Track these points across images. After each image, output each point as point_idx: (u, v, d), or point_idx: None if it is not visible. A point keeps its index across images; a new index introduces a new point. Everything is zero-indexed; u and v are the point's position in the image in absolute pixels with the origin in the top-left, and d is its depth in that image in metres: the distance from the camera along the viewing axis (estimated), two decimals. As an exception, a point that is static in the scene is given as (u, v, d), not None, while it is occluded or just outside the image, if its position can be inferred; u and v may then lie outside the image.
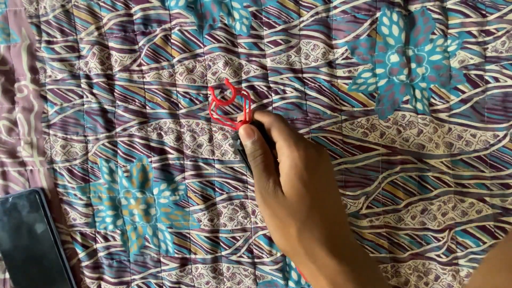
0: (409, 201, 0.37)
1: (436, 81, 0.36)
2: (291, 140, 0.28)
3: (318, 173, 0.28)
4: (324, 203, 0.28)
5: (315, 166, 0.27)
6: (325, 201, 0.28)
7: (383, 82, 0.36)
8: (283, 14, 0.36)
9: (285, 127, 0.29)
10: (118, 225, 0.39)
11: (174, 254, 0.39)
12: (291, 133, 0.28)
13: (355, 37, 0.36)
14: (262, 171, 0.29)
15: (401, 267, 0.38)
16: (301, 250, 0.27)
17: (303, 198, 0.27)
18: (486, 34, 0.35)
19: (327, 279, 0.27)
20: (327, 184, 0.29)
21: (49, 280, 0.39)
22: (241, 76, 0.37)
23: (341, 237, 0.28)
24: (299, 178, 0.27)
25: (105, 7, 0.37)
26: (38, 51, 0.38)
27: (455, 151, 0.36)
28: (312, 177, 0.27)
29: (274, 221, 0.28)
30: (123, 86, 0.38)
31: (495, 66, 0.35)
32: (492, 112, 0.36)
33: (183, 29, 0.37)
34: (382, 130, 0.37)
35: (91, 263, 0.39)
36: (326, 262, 0.27)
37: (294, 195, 0.27)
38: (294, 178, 0.27)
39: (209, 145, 0.38)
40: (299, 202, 0.27)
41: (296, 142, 0.27)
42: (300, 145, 0.27)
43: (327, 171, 0.29)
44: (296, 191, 0.27)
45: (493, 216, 0.37)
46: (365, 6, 0.35)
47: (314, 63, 0.37)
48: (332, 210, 0.28)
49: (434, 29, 0.35)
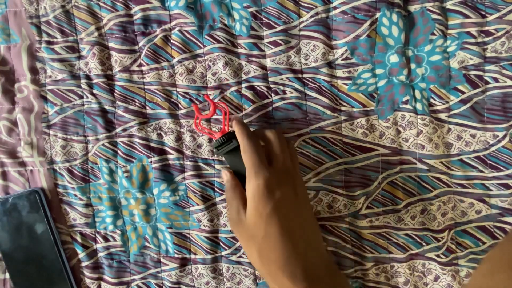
0: (409, 201, 0.37)
1: (436, 82, 0.36)
2: (253, 169, 0.31)
3: (275, 201, 0.31)
4: (283, 227, 0.30)
5: (271, 196, 0.30)
6: (285, 225, 0.30)
7: (383, 83, 0.36)
8: (283, 15, 0.36)
9: (253, 153, 0.32)
10: (118, 225, 0.39)
11: (174, 254, 0.39)
12: (256, 161, 0.31)
13: (354, 37, 0.36)
14: (231, 199, 0.33)
15: (401, 267, 0.38)
16: (264, 271, 0.31)
17: (258, 224, 0.30)
18: (485, 35, 0.35)
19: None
20: (288, 208, 0.31)
21: (49, 280, 0.39)
22: (241, 77, 0.37)
23: (303, 259, 0.30)
24: (255, 208, 0.31)
25: (105, 8, 0.37)
26: (38, 51, 0.38)
27: (454, 151, 0.37)
28: (266, 206, 0.30)
29: (242, 242, 0.33)
30: (123, 86, 0.38)
31: (495, 66, 0.35)
32: (491, 112, 0.36)
33: (183, 29, 0.37)
34: (381, 131, 0.37)
35: (91, 263, 0.39)
36: (284, 283, 0.30)
37: (251, 222, 0.31)
38: (251, 207, 0.31)
39: (209, 146, 0.38)
40: (255, 227, 0.31)
41: (257, 173, 0.31)
42: (260, 175, 0.31)
43: (289, 197, 0.32)
44: (253, 218, 0.31)
45: (492, 216, 0.37)
46: (364, 7, 0.35)
47: (314, 63, 0.37)
48: (295, 232, 0.31)
49: (433, 30, 0.35)
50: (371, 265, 0.38)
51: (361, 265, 0.38)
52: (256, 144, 0.32)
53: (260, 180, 0.31)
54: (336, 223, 0.38)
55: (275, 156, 0.33)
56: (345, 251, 0.38)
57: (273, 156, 0.33)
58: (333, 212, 0.38)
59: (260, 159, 0.31)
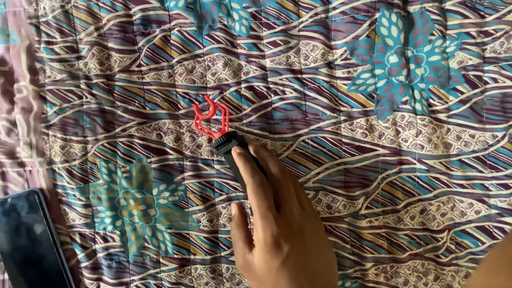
0: (408, 201, 0.37)
1: (435, 82, 0.36)
2: (260, 219, 0.30)
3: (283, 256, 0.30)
4: (292, 281, 0.30)
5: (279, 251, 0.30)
6: (294, 278, 0.30)
7: (382, 83, 0.36)
8: (283, 15, 0.36)
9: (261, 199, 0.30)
10: (117, 226, 0.39)
11: (173, 254, 0.39)
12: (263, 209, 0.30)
13: (354, 38, 0.36)
14: (235, 239, 0.33)
15: (401, 267, 0.38)
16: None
17: (268, 276, 0.30)
18: (484, 35, 0.35)
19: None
20: (298, 261, 0.30)
21: (48, 281, 0.39)
22: (241, 77, 0.37)
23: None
24: (263, 260, 0.30)
25: (104, 8, 0.37)
26: (37, 51, 0.38)
27: (454, 151, 0.37)
28: (275, 261, 0.30)
29: (251, 284, 0.33)
30: (122, 86, 0.38)
31: (494, 67, 0.35)
32: (490, 112, 0.36)
33: (183, 29, 0.37)
34: (381, 131, 0.37)
35: (90, 264, 0.39)
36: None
37: (261, 270, 0.30)
38: (260, 258, 0.30)
39: (208, 146, 0.38)
40: (265, 277, 0.30)
41: (265, 225, 0.30)
42: (267, 229, 0.30)
43: (299, 249, 0.31)
44: (262, 269, 0.30)
45: (492, 217, 0.37)
46: (364, 7, 0.35)
47: (313, 63, 0.37)
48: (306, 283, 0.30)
49: (433, 30, 0.35)
50: (370, 265, 0.38)
51: (360, 265, 0.38)
52: (263, 186, 0.31)
53: (267, 233, 0.29)
54: (335, 223, 0.38)
55: (284, 202, 0.31)
56: (344, 251, 0.38)
57: (282, 201, 0.32)
58: (332, 212, 0.38)
59: (267, 206, 0.30)
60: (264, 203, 0.30)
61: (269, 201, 0.30)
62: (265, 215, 0.30)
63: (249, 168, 0.32)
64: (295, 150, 0.38)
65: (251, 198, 0.31)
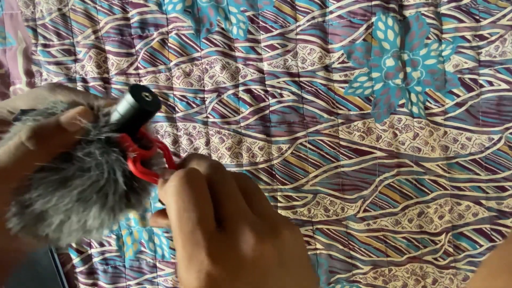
0: (406, 204, 0.37)
1: (431, 85, 0.36)
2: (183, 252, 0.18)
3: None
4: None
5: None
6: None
7: (379, 86, 0.37)
8: (280, 19, 0.37)
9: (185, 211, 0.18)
10: (113, 230, 0.39)
11: (170, 259, 0.39)
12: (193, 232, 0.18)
13: (351, 41, 0.36)
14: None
15: (399, 270, 0.38)
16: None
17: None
18: (479, 39, 0.35)
19: None
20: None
21: (42, 286, 0.38)
22: (238, 80, 0.37)
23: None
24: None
25: (102, 11, 0.37)
26: (34, 54, 0.38)
27: (450, 154, 0.37)
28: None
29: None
30: (119, 89, 0.38)
31: (489, 70, 0.36)
32: (486, 115, 0.36)
33: (180, 33, 0.37)
34: (378, 134, 0.37)
35: (85, 269, 0.39)
36: None
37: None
38: None
39: (206, 149, 0.38)
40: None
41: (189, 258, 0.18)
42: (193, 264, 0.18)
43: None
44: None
45: (489, 219, 0.37)
46: (360, 11, 0.36)
47: (310, 67, 0.37)
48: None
49: (428, 34, 0.36)
50: (369, 268, 0.38)
51: (358, 269, 0.38)
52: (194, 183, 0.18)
53: (193, 274, 0.17)
54: (333, 226, 0.38)
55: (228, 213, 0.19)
56: (342, 254, 0.38)
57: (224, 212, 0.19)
58: (330, 215, 0.38)
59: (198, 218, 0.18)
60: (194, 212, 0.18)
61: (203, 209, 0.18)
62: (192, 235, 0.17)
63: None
64: (292, 153, 0.37)
65: (168, 202, 0.18)
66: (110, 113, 0.20)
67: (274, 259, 0.18)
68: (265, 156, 0.37)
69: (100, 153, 0.19)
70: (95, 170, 0.19)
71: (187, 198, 0.18)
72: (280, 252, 0.18)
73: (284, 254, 0.19)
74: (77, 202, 0.19)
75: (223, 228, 0.18)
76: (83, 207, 0.19)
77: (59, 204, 0.19)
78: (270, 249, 0.18)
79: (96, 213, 0.19)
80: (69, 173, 0.19)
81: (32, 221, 0.20)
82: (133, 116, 0.19)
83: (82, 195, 0.19)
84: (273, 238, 0.18)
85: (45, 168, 0.19)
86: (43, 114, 0.20)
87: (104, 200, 0.19)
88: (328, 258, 0.38)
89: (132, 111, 0.19)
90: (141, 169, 0.20)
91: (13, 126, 0.20)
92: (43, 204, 0.19)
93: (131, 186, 0.20)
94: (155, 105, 0.20)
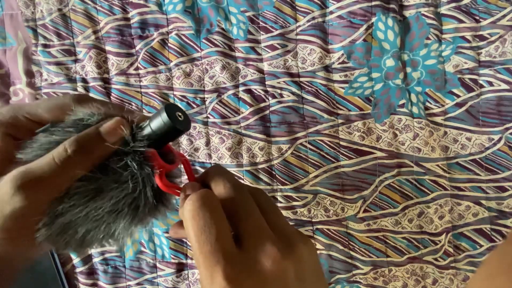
0: (406, 204, 0.37)
1: (431, 85, 0.36)
2: (204, 271, 0.18)
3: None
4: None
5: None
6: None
7: (379, 86, 0.37)
8: (280, 19, 0.37)
9: (204, 232, 0.19)
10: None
11: (170, 259, 0.39)
12: (214, 251, 0.18)
13: (351, 42, 0.36)
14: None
15: (399, 270, 0.38)
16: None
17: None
18: (479, 39, 0.35)
19: None
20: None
21: (42, 286, 0.38)
22: (238, 80, 0.37)
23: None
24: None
25: (102, 11, 0.37)
26: (34, 54, 0.38)
27: (451, 154, 0.37)
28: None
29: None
30: (119, 89, 0.38)
31: (489, 70, 0.36)
32: (486, 115, 0.36)
33: (181, 33, 0.37)
34: (378, 134, 0.37)
35: (85, 269, 0.39)
36: None
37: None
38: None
39: (206, 149, 0.38)
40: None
41: (210, 277, 0.18)
42: (216, 278, 0.18)
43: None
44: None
45: (489, 219, 0.37)
46: (360, 12, 0.36)
47: (310, 67, 0.37)
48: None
49: (428, 34, 0.36)
50: (369, 269, 0.38)
51: (359, 269, 0.38)
52: (210, 204, 0.19)
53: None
54: (333, 227, 0.38)
55: (246, 232, 0.19)
56: (342, 254, 0.38)
57: (243, 230, 0.20)
58: (330, 215, 0.38)
59: (216, 238, 0.18)
60: (210, 234, 0.18)
61: (220, 229, 0.19)
62: (211, 255, 0.18)
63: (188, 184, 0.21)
64: (292, 153, 0.37)
65: (186, 225, 0.19)
66: (143, 127, 0.21)
67: (293, 274, 0.19)
68: (265, 156, 0.37)
69: (137, 166, 0.20)
70: (129, 182, 0.20)
71: (203, 221, 0.19)
72: (297, 266, 0.19)
73: (301, 269, 0.19)
74: (108, 213, 0.20)
75: (243, 245, 0.19)
76: (113, 217, 0.20)
77: (90, 214, 0.20)
78: (290, 264, 0.19)
79: (126, 223, 0.20)
80: (104, 184, 0.20)
81: (58, 230, 0.20)
82: (165, 133, 0.20)
83: (115, 206, 0.20)
84: (292, 253, 0.19)
85: (82, 178, 0.20)
86: (77, 125, 0.21)
87: (135, 211, 0.20)
88: (328, 258, 0.38)
89: (165, 128, 0.20)
90: (166, 183, 0.21)
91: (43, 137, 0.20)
92: (75, 214, 0.20)
93: (160, 199, 0.21)
94: (186, 125, 0.21)
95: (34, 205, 0.19)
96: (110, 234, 0.21)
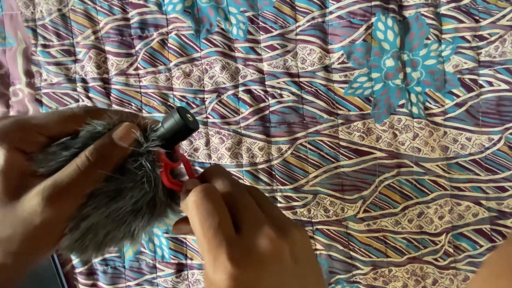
0: (406, 204, 0.37)
1: (431, 85, 0.36)
2: (208, 255, 0.20)
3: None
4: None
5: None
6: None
7: (379, 86, 0.37)
8: (280, 19, 0.37)
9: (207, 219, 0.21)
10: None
11: (170, 259, 0.39)
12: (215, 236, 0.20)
13: (350, 42, 0.36)
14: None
15: (399, 271, 0.38)
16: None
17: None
18: (479, 39, 0.35)
19: None
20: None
21: (42, 287, 0.38)
22: (238, 80, 0.37)
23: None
24: None
25: (102, 11, 0.37)
26: (34, 54, 0.38)
27: (450, 154, 0.37)
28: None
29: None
30: (119, 90, 0.38)
31: (489, 70, 0.36)
32: (486, 116, 0.36)
33: (180, 33, 0.37)
34: (378, 134, 0.37)
35: (85, 270, 0.39)
36: None
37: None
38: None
39: (205, 149, 0.38)
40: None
41: (213, 260, 0.20)
42: (219, 264, 0.20)
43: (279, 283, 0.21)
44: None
45: (489, 219, 0.37)
46: (360, 12, 0.36)
47: (310, 67, 0.37)
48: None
49: (428, 34, 0.36)
50: (369, 269, 0.38)
51: (358, 269, 0.38)
52: (212, 196, 0.21)
53: (219, 274, 0.19)
54: (333, 227, 0.38)
55: (245, 218, 0.22)
56: (342, 255, 0.38)
57: (241, 217, 0.22)
58: (330, 215, 0.38)
59: (218, 223, 0.20)
60: (214, 220, 0.20)
61: (222, 216, 0.21)
62: (214, 239, 0.20)
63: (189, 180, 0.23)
64: (292, 153, 0.37)
65: (191, 215, 0.21)
66: (156, 128, 0.22)
67: (288, 253, 0.21)
68: (265, 157, 0.37)
69: (151, 166, 0.21)
70: (145, 181, 0.21)
71: (206, 209, 0.21)
72: (292, 247, 0.21)
73: (295, 250, 0.22)
74: (129, 212, 0.21)
75: (242, 231, 0.21)
76: (133, 217, 0.21)
77: (112, 215, 0.21)
78: (285, 244, 0.21)
79: (145, 222, 0.21)
80: (123, 184, 0.21)
81: (80, 234, 0.21)
82: (177, 132, 0.22)
83: (135, 205, 0.21)
84: (286, 236, 0.21)
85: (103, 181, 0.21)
86: (96, 137, 0.22)
87: (153, 209, 0.22)
88: (328, 258, 0.38)
89: (177, 127, 0.22)
90: (171, 180, 0.22)
91: (63, 150, 0.21)
92: (97, 215, 0.20)
93: (172, 197, 0.23)
94: (196, 124, 0.23)
95: (63, 213, 0.20)
96: (130, 233, 0.22)
